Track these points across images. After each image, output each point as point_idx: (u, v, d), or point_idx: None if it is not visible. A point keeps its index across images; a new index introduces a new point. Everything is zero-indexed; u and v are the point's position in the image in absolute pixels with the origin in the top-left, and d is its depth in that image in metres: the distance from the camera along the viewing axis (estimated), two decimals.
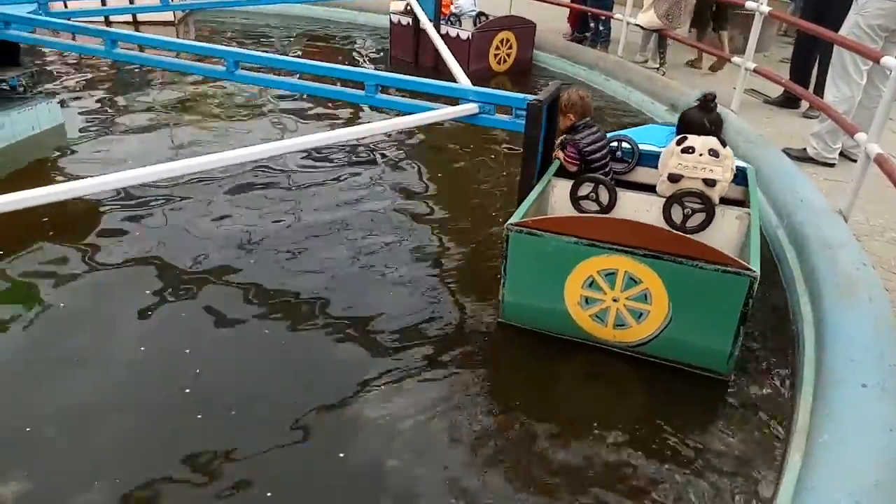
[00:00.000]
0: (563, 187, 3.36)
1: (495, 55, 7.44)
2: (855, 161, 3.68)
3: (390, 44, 8.18)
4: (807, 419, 2.34)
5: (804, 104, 5.46)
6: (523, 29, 7.63)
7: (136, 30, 8.58)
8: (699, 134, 3.10)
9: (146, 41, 4.06)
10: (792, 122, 5.30)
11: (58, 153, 4.84)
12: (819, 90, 5.15)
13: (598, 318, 2.81)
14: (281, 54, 7.46)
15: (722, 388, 2.69)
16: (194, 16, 9.95)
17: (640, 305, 2.71)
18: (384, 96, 3.45)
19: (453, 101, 3.42)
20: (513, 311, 2.96)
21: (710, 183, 3.02)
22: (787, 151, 4.37)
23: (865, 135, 3.25)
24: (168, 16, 9.00)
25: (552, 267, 2.79)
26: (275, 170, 4.51)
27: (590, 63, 7.51)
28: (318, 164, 4.72)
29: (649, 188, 3.39)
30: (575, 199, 3.27)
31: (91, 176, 2.79)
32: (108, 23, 8.19)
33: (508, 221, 2.81)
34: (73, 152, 4.85)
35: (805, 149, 4.39)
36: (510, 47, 7.56)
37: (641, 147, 3.68)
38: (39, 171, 4.59)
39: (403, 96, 3.88)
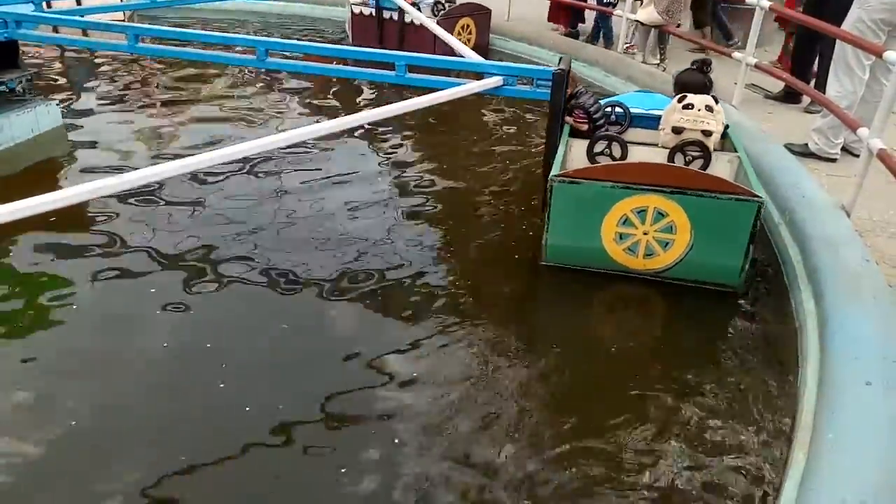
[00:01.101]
0: (578, 146, 3.85)
1: (458, 37, 7.86)
2: (857, 156, 3.65)
3: (351, 33, 8.44)
4: (810, 417, 2.33)
5: (805, 99, 5.38)
6: (481, 15, 8.09)
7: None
8: (697, 93, 3.66)
9: (170, 34, 4.21)
10: (793, 117, 5.23)
11: (58, 155, 4.89)
12: (820, 85, 5.04)
13: (630, 250, 3.33)
14: None
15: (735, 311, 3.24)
16: (138, 13, 9.81)
17: (667, 236, 3.25)
18: (413, 75, 3.82)
19: (472, 76, 3.84)
20: (555, 252, 3.44)
21: (707, 133, 3.58)
22: (788, 147, 4.35)
23: (868, 130, 3.26)
24: (118, 15, 8.86)
25: (591, 210, 3.28)
26: (281, 154, 4.77)
27: (590, 60, 7.48)
28: (317, 147, 4.99)
29: (643, 145, 3.94)
30: (591, 156, 3.77)
31: (93, 177, 2.82)
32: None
33: (551, 174, 3.28)
34: (73, 154, 4.90)
35: (807, 144, 4.35)
36: (470, 32, 8.01)
37: (632, 111, 4.24)
38: (41, 173, 4.62)
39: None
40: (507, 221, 4.06)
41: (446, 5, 8.16)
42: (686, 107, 3.61)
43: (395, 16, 7.74)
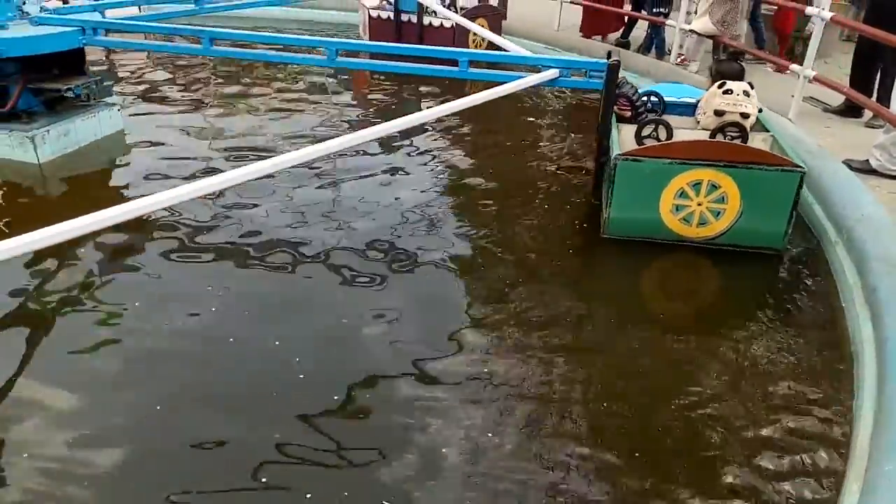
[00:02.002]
0: (626, 130, 4.24)
1: (472, 40, 8.24)
2: None
3: (368, 36, 8.77)
4: (866, 446, 2.23)
5: (867, 113, 5.19)
6: (494, 16, 8.49)
7: None
8: (734, 80, 4.07)
9: (243, 37, 4.51)
10: (854, 132, 5.05)
11: (118, 159, 5.11)
12: (883, 100, 4.91)
13: (686, 220, 3.73)
14: None
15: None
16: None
17: (719, 206, 3.65)
18: (476, 70, 4.17)
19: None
20: (617, 225, 3.82)
21: (745, 116, 3.99)
22: (848, 163, 4.23)
23: None
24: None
25: (651, 184, 3.67)
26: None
27: (642, 70, 7.43)
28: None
29: (683, 128, 4.34)
30: (639, 138, 4.16)
31: (147, 181, 3.09)
32: None
33: (615, 154, 3.67)
34: (131, 157, 5.12)
35: (868, 160, 4.22)
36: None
37: (666, 99, 4.65)
38: (103, 175, 4.86)
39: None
40: (552, 204, 4.43)
41: (458, 8, 8.55)
42: (726, 92, 4.02)
43: (413, 18, 8.09)
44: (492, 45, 8.50)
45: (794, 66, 5.20)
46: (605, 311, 3.25)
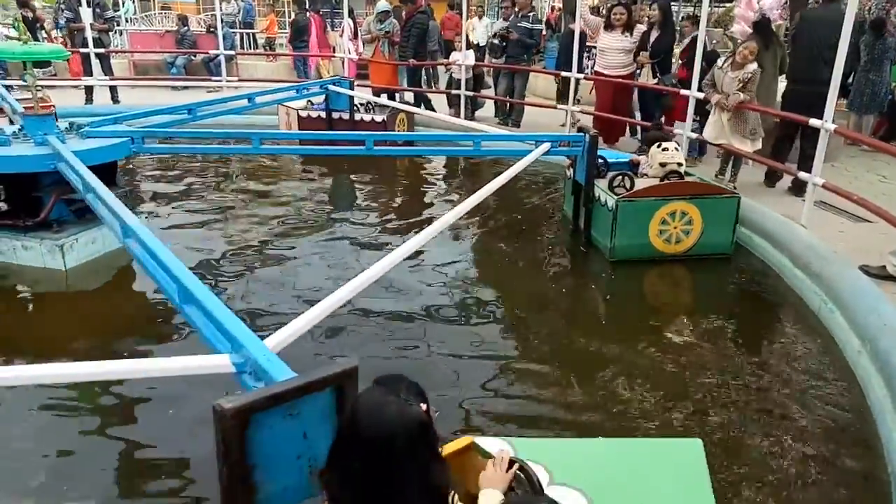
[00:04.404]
0: (601, 182, 5.62)
1: (398, 129, 9.44)
2: None
3: None
4: None
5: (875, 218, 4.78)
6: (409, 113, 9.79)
7: None
8: (664, 141, 5.66)
9: (287, 136, 5.20)
10: (867, 235, 5.02)
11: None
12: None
13: (667, 241, 5.14)
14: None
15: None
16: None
17: (688, 227, 5.11)
18: (487, 146, 5.32)
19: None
20: (620, 250, 5.12)
21: (680, 164, 5.58)
22: (864, 269, 4.24)
23: None
24: None
25: (642, 217, 5.04)
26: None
27: None
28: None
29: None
30: (611, 187, 5.55)
31: None
32: None
33: (615, 198, 5.00)
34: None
35: (884, 266, 4.21)
36: (404, 123, 9.63)
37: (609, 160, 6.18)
38: (125, 280, 5.00)
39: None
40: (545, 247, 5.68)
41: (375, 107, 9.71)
42: (664, 150, 5.59)
43: (345, 115, 9.05)
44: (410, 127, 9.83)
45: (803, 174, 5.26)
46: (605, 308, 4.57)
